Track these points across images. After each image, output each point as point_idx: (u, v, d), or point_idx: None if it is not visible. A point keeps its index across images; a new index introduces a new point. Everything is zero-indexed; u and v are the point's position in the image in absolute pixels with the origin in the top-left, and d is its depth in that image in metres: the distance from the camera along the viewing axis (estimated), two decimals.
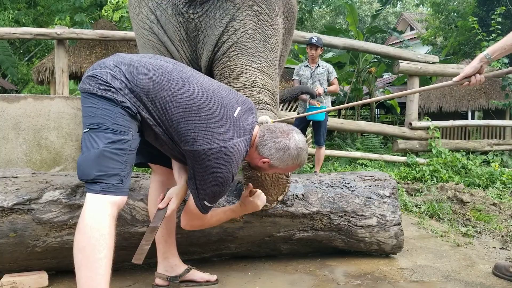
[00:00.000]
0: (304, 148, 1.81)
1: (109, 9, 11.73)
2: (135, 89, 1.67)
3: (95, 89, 1.64)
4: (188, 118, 1.68)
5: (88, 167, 1.59)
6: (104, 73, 1.67)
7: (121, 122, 1.63)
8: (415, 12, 25.34)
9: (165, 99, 1.68)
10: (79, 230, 1.54)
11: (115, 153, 1.60)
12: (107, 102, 1.63)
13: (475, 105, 12.01)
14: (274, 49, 2.63)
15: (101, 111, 1.62)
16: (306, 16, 12.97)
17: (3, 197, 1.96)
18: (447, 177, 5.39)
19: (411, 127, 6.56)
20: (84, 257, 1.50)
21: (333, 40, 6.53)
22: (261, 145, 1.79)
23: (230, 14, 2.49)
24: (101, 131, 1.61)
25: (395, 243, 2.49)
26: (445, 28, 14.17)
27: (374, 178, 2.56)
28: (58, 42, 6.04)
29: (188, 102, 1.69)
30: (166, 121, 1.69)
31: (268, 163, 1.81)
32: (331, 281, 2.18)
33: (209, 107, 1.70)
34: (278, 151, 1.77)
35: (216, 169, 1.69)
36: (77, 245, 1.53)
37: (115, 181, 1.60)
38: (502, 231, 3.25)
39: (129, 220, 2.10)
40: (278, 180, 2.23)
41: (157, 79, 1.70)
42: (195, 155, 1.69)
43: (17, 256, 2.01)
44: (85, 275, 1.49)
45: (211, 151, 1.67)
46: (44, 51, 16.85)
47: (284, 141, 1.77)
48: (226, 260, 2.44)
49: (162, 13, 2.56)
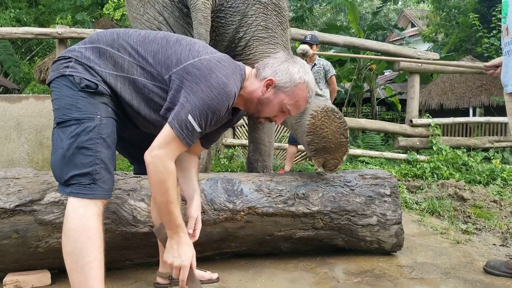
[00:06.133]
0: (309, 71, 1.65)
1: (110, 7, 11.74)
2: (97, 46, 1.56)
3: (56, 73, 1.54)
4: (166, 47, 1.56)
5: (57, 169, 1.48)
6: (64, 53, 1.59)
7: (84, 108, 1.47)
8: (416, 9, 25.27)
9: (136, 41, 1.58)
10: (64, 234, 1.46)
11: (81, 147, 1.45)
12: (67, 86, 1.50)
13: (476, 102, 12.00)
14: (285, 34, 2.93)
15: (64, 100, 1.49)
16: (306, 14, 12.95)
17: (5, 198, 1.97)
18: (448, 174, 5.39)
19: (412, 124, 6.56)
20: (73, 262, 1.43)
21: (334, 37, 6.55)
22: (261, 68, 1.63)
23: (241, 11, 2.65)
24: (65, 124, 1.47)
25: (395, 242, 2.50)
26: (446, 24, 14.16)
27: (375, 177, 2.57)
28: (60, 41, 6.07)
29: (163, 37, 1.61)
30: (141, 62, 1.55)
31: (273, 84, 1.59)
32: (331, 279, 2.20)
33: (189, 39, 1.62)
34: (282, 63, 1.61)
35: (209, 75, 1.47)
36: (65, 249, 1.45)
37: (86, 181, 1.45)
38: (503, 228, 3.26)
39: (130, 220, 2.12)
40: (341, 143, 2.41)
41: (121, 31, 1.63)
42: (181, 73, 1.50)
43: (20, 257, 2.02)
44: (77, 279, 1.43)
45: (200, 61, 1.50)
46: (46, 50, 16.88)
47: (286, 57, 1.65)
48: (227, 258, 2.46)
49: (170, 16, 2.66)
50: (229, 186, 2.32)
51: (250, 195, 2.31)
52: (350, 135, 10.10)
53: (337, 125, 2.39)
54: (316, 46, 5.28)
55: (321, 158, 2.43)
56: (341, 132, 2.40)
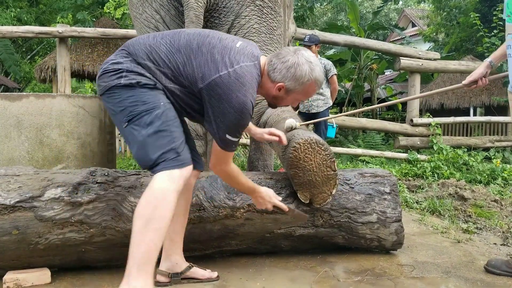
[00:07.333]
0: (316, 63, 1.79)
1: (111, 6, 11.74)
2: (139, 60, 1.72)
3: (111, 83, 1.70)
4: (190, 57, 1.72)
5: (144, 155, 1.66)
6: (109, 66, 1.75)
7: (148, 99, 1.67)
8: (417, 8, 25.27)
9: (166, 52, 1.73)
10: (145, 198, 1.62)
11: (158, 131, 1.66)
12: (125, 89, 1.68)
13: (476, 102, 11.99)
14: (279, 40, 2.73)
15: (126, 101, 1.68)
16: (307, 13, 12.93)
17: (5, 194, 1.97)
18: (448, 173, 5.39)
19: (412, 123, 6.55)
20: (148, 229, 1.59)
21: (334, 37, 6.53)
22: (271, 70, 1.78)
23: (235, 11, 2.56)
24: (136, 118, 1.67)
25: (396, 240, 2.50)
26: (447, 24, 14.14)
27: (374, 175, 2.57)
28: (60, 40, 6.06)
29: (186, 44, 1.74)
30: (175, 72, 1.72)
31: (284, 88, 1.79)
32: (332, 278, 2.20)
33: (208, 41, 1.75)
34: (289, 69, 1.76)
35: (230, 95, 1.67)
36: (140, 212, 1.61)
37: (172, 155, 1.66)
38: (503, 228, 3.25)
39: (130, 217, 2.11)
40: (327, 177, 2.30)
41: (151, 41, 1.77)
42: (208, 90, 1.70)
43: (20, 254, 2.02)
44: (143, 245, 1.59)
45: (220, 78, 1.68)
46: (47, 49, 16.89)
47: (292, 58, 1.77)
48: (227, 257, 2.45)
49: (166, 14, 2.63)
50: None
51: None
52: (351, 135, 10.11)
53: (322, 157, 2.26)
54: (316, 46, 5.28)
55: (307, 193, 2.30)
56: (327, 164, 2.27)
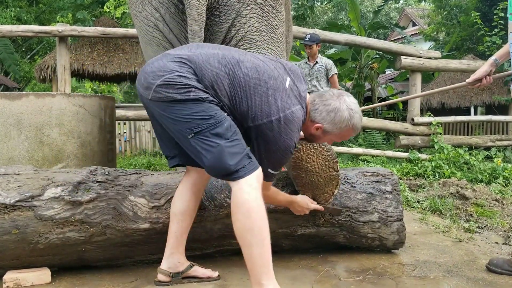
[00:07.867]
0: (356, 111, 1.86)
1: (111, 5, 11.73)
2: (204, 82, 1.76)
3: (178, 96, 1.72)
4: (247, 96, 1.78)
5: (222, 165, 1.71)
6: (176, 77, 1.73)
7: (216, 114, 1.73)
8: (417, 7, 25.26)
9: (228, 85, 1.78)
10: (242, 213, 1.70)
11: (231, 140, 1.72)
12: (194, 103, 1.72)
13: (477, 101, 11.97)
14: (281, 39, 2.71)
15: (195, 114, 1.71)
16: (308, 12, 12.92)
17: (5, 194, 1.97)
18: (450, 172, 5.37)
19: (413, 123, 6.54)
20: (254, 237, 1.68)
21: (335, 36, 6.51)
22: (313, 110, 1.87)
23: (236, 9, 2.54)
24: (208, 129, 1.71)
25: (397, 239, 2.49)
26: (448, 23, 14.11)
27: (375, 174, 2.56)
28: (60, 39, 6.04)
29: (245, 82, 1.79)
30: (231, 104, 1.79)
31: (321, 129, 1.88)
32: (333, 277, 2.19)
33: (263, 81, 1.81)
34: (329, 113, 1.84)
35: (278, 139, 1.78)
36: (244, 227, 1.70)
37: (247, 160, 1.73)
38: (505, 227, 3.24)
39: (131, 216, 2.11)
40: (330, 177, 2.32)
41: (216, 68, 1.78)
42: (257, 130, 1.79)
43: (20, 253, 2.02)
44: (257, 251, 1.68)
45: (271, 123, 1.76)
46: (46, 48, 16.87)
47: (334, 103, 1.85)
48: (228, 256, 2.44)
49: (166, 12, 2.60)
50: None
51: None
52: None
53: (325, 158, 2.28)
54: (317, 45, 5.28)
55: (309, 193, 2.32)
56: (330, 165, 2.30)
